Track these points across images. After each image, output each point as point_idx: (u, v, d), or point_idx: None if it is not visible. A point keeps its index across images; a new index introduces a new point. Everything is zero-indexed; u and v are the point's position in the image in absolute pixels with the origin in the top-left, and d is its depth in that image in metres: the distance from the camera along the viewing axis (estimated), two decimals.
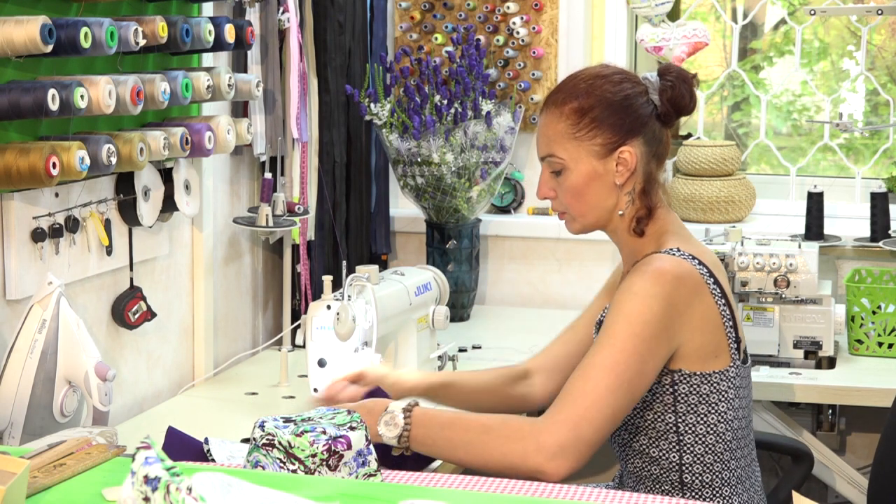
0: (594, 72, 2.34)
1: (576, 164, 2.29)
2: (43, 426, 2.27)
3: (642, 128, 2.29)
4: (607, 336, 2.18)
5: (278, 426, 1.96)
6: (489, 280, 3.86)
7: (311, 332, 2.61)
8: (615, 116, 2.28)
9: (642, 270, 2.23)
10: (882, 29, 4.06)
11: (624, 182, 2.29)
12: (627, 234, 2.33)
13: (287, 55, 3.17)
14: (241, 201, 3.24)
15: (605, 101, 2.28)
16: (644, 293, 2.19)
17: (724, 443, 2.27)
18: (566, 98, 2.31)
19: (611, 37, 3.84)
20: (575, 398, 2.14)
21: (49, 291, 2.28)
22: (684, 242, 2.29)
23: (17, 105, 2.20)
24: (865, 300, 3.21)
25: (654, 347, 2.18)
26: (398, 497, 1.75)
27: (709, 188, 3.74)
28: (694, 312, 2.22)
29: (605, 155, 2.28)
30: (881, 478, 2.57)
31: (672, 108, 2.31)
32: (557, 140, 2.30)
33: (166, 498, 1.45)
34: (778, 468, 3.61)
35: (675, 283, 2.20)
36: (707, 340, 2.24)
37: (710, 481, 2.26)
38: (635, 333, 2.16)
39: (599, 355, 2.17)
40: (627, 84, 2.31)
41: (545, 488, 1.94)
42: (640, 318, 2.17)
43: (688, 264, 2.23)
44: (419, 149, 3.41)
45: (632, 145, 2.28)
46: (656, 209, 2.32)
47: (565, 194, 2.32)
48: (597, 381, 2.14)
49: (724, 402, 2.26)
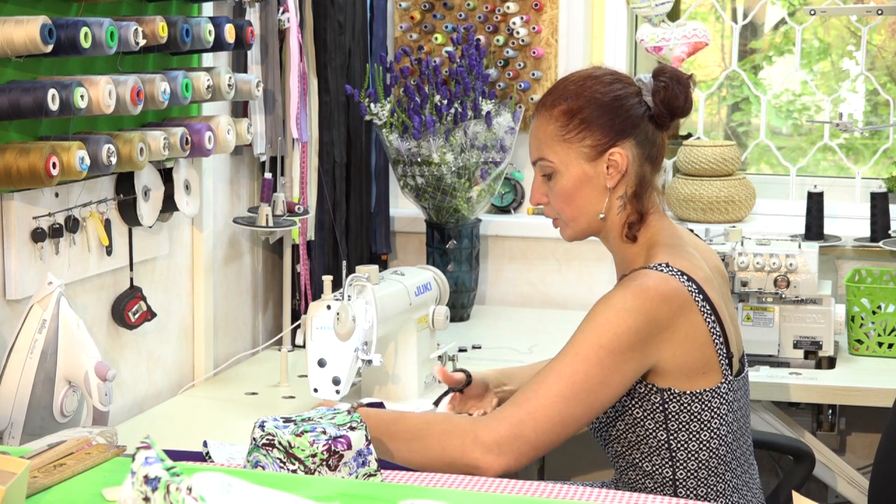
0: (585, 73, 2.31)
1: (566, 168, 2.26)
2: (43, 426, 2.27)
3: (633, 129, 2.25)
4: (572, 344, 2.15)
5: (278, 426, 1.96)
6: (489, 280, 3.86)
7: (311, 332, 2.61)
8: (605, 117, 2.24)
9: (626, 285, 2.18)
10: (882, 29, 4.06)
11: (615, 185, 2.25)
12: (619, 240, 2.29)
13: (287, 55, 3.17)
14: (241, 201, 3.24)
15: (595, 101, 2.25)
16: (621, 306, 2.15)
17: (719, 457, 2.24)
18: (556, 100, 2.28)
19: (611, 37, 3.84)
20: (524, 400, 2.12)
21: (49, 291, 2.28)
22: (674, 256, 2.23)
23: (17, 105, 2.20)
24: (865, 300, 3.21)
25: (622, 362, 2.14)
26: (398, 497, 1.75)
27: (709, 188, 3.74)
28: (677, 330, 2.17)
29: (596, 157, 2.25)
30: (881, 478, 2.57)
31: (666, 109, 2.26)
32: (547, 143, 2.28)
33: (166, 498, 1.45)
34: (778, 468, 3.61)
35: (658, 300, 2.15)
36: (692, 358, 2.20)
37: (704, 494, 2.23)
38: (602, 345, 2.12)
39: (560, 362, 2.14)
40: (618, 85, 2.27)
41: (545, 488, 1.94)
42: (610, 329, 2.13)
43: (675, 281, 2.18)
44: (419, 149, 3.41)
45: (623, 147, 2.24)
46: (648, 214, 2.28)
47: (556, 199, 2.29)
48: (549, 385, 2.12)
49: (717, 418, 2.23)
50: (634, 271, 2.23)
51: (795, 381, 3.04)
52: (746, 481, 2.31)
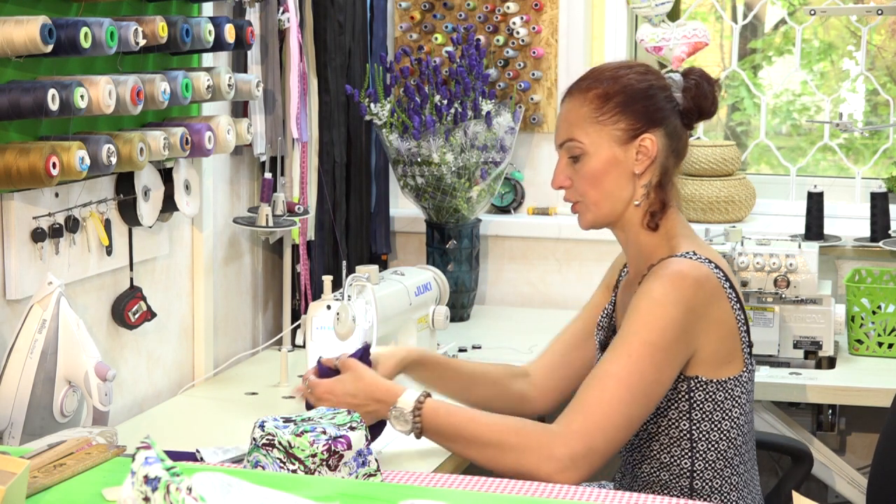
0: (619, 63, 2.37)
1: (596, 149, 2.28)
2: (43, 426, 2.27)
3: (664, 120, 2.29)
4: (624, 344, 2.17)
5: (278, 426, 1.97)
6: (489, 280, 3.86)
7: (311, 332, 2.61)
8: (639, 104, 2.28)
9: (660, 274, 2.21)
10: (882, 29, 4.06)
11: (643, 171, 2.28)
12: (639, 228, 2.31)
13: (287, 55, 3.17)
14: (241, 201, 3.24)
15: (630, 88, 2.28)
16: (663, 298, 2.17)
17: (735, 448, 2.27)
18: (591, 84, 2.30)
19: (611, 37, 3.84)
20: (589, 409, 2.13)
21: (49, 291, 2.28)
22: (698, 246, 2.28)
23: (17, 105, 2.20)
24: (865, 300, 3.21)
25: (672, 355, 2.17)
26: (398, 497, 1.75)
27: (709, 188, 3.74)
28: (711, 317, 2.21)
29: (627, 141, 2.27)
30: (881, 478, 2.57)
31: (694, 106, 2.31)
32: (579, 124, 2.29)
33: (166, 498, 1.45)
34: (778, 468, 3.61)
35: (695, 288, 2.19)
36: (722, 346, 2.23)
37: (719, 486, 2.26)
38: (652, 342, 2.15)
39: (615, 364, 2.16)
40: (651, 76, 2.32)
41: (545, 488, 1.94)
42: (657, 324, 2.16)
43: (706, 268, 2.22)
44: (419, 149, 3.41)
45: (654, 134, 2.28)
46: (670, 205, 2.31)
47: (582, 181, 2.30)
48: (612, 392, 2.13)
49: (738, 407, 2.26)
50: (663, 260, 2.25)
51: (795, 381, 3.04)
52: (752, 476, 2.33)
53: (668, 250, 2.28)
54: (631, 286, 2.34)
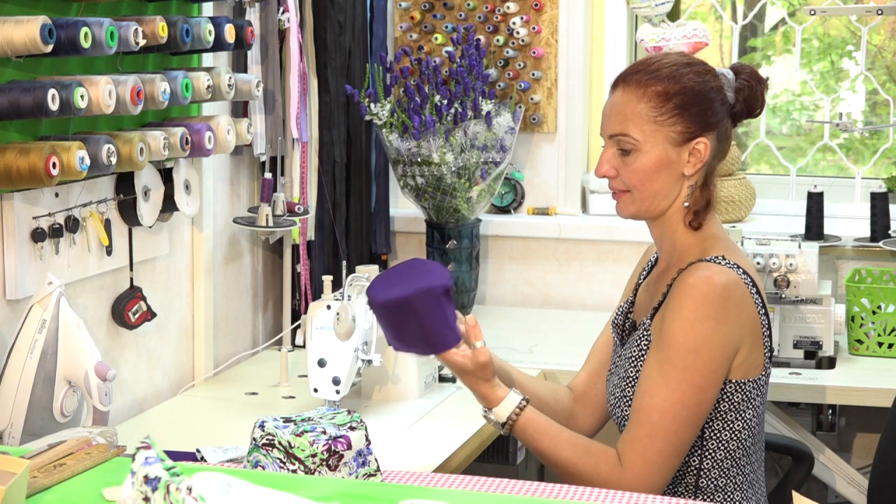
0: (677, 59, 2.32)
1: (650, 148, 2.26)
2: (43, 426, 2.27)
3: (719, 123, 2.28)
4: (661, 375, 2.18)
5: (278, 426, 1.97)
6: (489, 280, 3.86)
7: (311, 332, 2.61)
8: (697, 107, 2.26)
9: (690, 284, 2.20)
10: (882, 29, 4.06)
11: (693, 173, 2.28)
12: (680, 226, 2.30)
13: (287, 55, 3.17)
14: (241, 201, 3.24)
15: (691, 89, 2.26)
16: (693, 316, 2.18)
17: (744, 448, 2.27)
18: (650, 80, 2.27)
19: (611, 37, 3.84)
20: (643, 449, 2.17)
21: (49, 291, 2.28)
22: (729, 251, 2.27)
23: (17, 105, 2.20)
24: (865, 300, 3.21)
25: (710, 373, 2.19)
26: (398, 497, 1.75)
27: None
28: (743, 324, 2.22)
29: (681, 143, 2.26)
30: (881, 478, 2.57)
31: (746, 108, 2.31)
32: (635, 120, 2.26)
33: (166, 498, 1.45)
34: (778, 468, 3.61)
35: (725, 298, 2.19)
36: (748, 349, 2.24)
37: (724, 485, 2.26)
38: (687, 366, 2.17)
39: (657, 398, 2.18)
40: (710, 77, 2.30)
41: (545, 488, 1.94)
42: (691, 347, 2.17)
43: (734, 274, 2.21)
44: (419, 149, 3.41)
45: (707, 138, 2.27)
46: (713, 204, 2.31)
47: (631, 176, 2.28)
48: (658, 426, 2.17)
49: (751, 409, 2.26)
50: (692, 265, 2.24)
51: (795, 381, 3.04)
52: (759, 476, 2.33)
53: (700, 252, 2.27)
54: (660, 280, 2.34)
